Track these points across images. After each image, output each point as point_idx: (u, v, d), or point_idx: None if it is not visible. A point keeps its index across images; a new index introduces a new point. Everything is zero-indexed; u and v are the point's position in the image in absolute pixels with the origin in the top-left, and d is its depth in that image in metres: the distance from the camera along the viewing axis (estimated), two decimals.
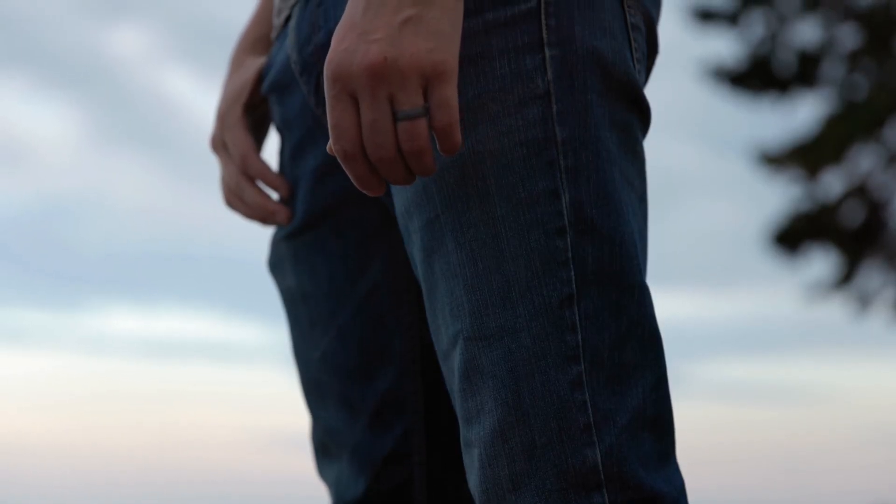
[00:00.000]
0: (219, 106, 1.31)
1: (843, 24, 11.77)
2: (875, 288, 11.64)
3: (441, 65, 0.93)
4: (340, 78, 0.93)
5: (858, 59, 11.65)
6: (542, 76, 1.02)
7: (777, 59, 12.00)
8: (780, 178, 11.82)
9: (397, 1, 0.93)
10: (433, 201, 1.03)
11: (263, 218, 1.25)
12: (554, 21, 1.03)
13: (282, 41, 1.23)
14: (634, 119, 1.07)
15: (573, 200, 1.01)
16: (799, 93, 12.03)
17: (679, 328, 16.87)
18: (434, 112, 0.93)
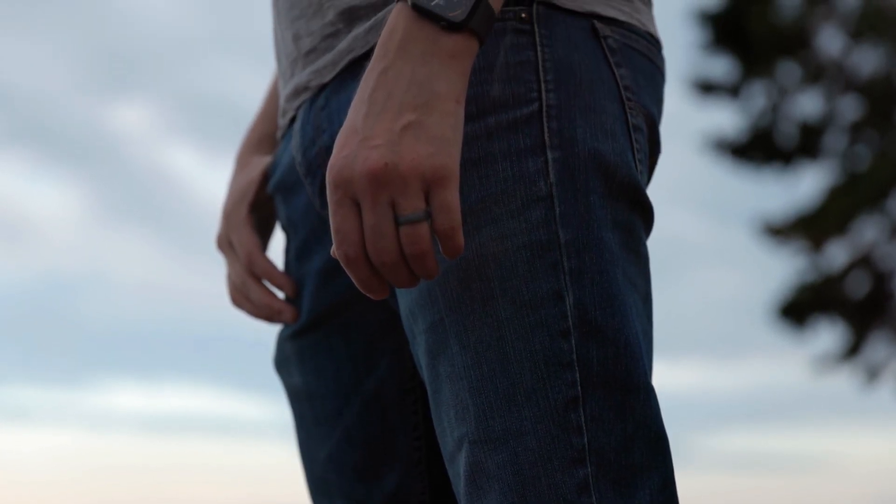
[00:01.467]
0: (224, 205, 1.32)
1: (844, 95, 11.85)
2: (882, 359, 11.60)
3: (442, 169, 0.93)
4: (342, 183, 0.94)
5: (860, 130, 11.72)
6: (544, 179, 1.03)
7: (779, 131, 12.07)
8: (784, 249, 11.84)
9: (398, 106, 0.94)
10: (437, 304, 1.03)
11: (269, 317, 1.26)
12: (555, 124, 1.04)
13: (287, 142, 1.24)
14: (637, 219, 1.08)
15: (577, 302, 1.02)
16: (801, 164, 12.08)
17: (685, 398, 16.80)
18: (436, 216, 0.94)
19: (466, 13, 0.95)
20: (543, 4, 1.08)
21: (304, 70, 1.18)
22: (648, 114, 1.13)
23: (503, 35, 1.06)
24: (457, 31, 0.95)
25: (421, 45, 0.95)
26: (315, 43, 1.16)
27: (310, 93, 1.17)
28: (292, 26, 1.18)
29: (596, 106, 1.06)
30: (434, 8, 0.95)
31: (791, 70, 12.15)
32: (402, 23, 0.96)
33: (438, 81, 0.94)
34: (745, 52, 12.16)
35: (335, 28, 1.13)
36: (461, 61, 0.96)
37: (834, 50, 11.94)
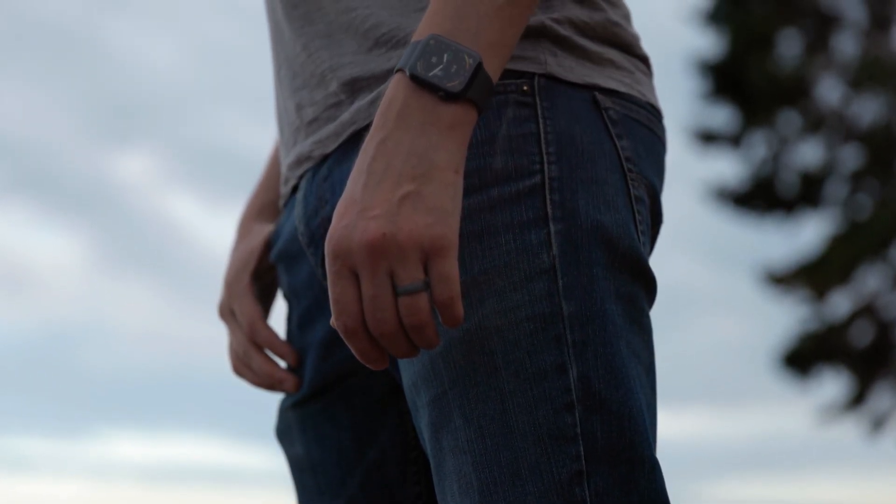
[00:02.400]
0: (226, 273, 1.32)
1: (844, 144, 11.89)
2: (887, 408, 11.56)
3: (440, 239, 0.93)
4: (341, 254, 0.94)
5: (861, 179, 11.74)
6: (547, 251, 1.03)
7: (780, 180, 12.10)
8: (787, 297, 11.83)
9: (396, 177, 0.94)
10: (440, 377, 1.03)
11: (271, 386, 1.26)
12: (558, 196, 1.04)
13: (290, 210, 1.24)
14: (640, 291, 1.08)
15: (581, 375, 1.01)
16: (803, 213, 12.10)
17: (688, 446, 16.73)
18: (435, 286, 0.94)
19: (465, 83, 0.95)
20: (545, 77, 1.08)
21: (307, 139, 1.18)
22: (650, 184, 1.13)
23: (505, 107, 1.06)
24: (455, 101, 0.96)
25: (419, 115, 0.95)
26: (318, 113, 1.16)
27: (312, 162, 1.17)
28: (295, 95, 1.19)
29: (598, 178, 1.07)
30: (432, 78, 0.95)
31: (791, 119, 12.20)
32: (400, 93, 0.96)
33: (437, 152, 0.95)
34: (745, 101, 12.21)
35: (338, 98, 1.14)
36: (460, 131, 0.96)
37: (834, 99, 11.99)
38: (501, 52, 0.99)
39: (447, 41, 0.96)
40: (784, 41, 12.37)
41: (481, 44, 0.97)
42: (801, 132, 12.12)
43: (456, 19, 0.97)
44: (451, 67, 0.95)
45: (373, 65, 1.11)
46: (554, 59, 1.09)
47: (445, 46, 0.96)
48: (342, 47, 1.13)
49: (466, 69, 0.96)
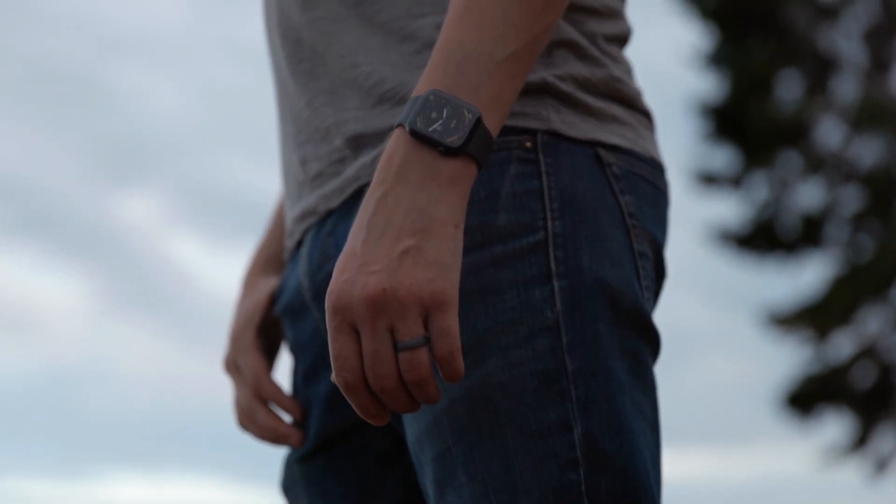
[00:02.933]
0: (231, 327, 1.32)
1: (845, 186, 11.90)
2: (890, 450, 11.51)
3: (440, 294, 0.93)
4: (341, 309, 0.94)
5: (862, 220, 11.74)
6: (550, 308, 1.03)
7: (781, 222, 12.10)
8: (789, 338, 11.80)
9: (396, 232, 0.94)
10: (444, 433, 1.03)
11: (276, 440, 1.26)
12: (561, 252, 1.05)
13: (294, 264, 1.25)
14: (644, 347, 1.08)
15: (585, 432, 1.02)
16: (804, 254, 12.09)
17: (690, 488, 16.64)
18: (435, 341, 0.94)
19: (464, 138, 0.96)
20: (548, 133, 1.09)
21: (312, 194, 1.19)
22: (653, 239, 1.13)
23: (508, 164, 1.07)
24: (455, 156, 0.96)
25: (419, 170, 0.96)
26: (322, 168, 1.17)
27: (317, 217, 1.18)
28: (300, 150, 1.20)
29: (601, 234, 1.07)
30: (432, 133, 0.96)
31: (792, 161, 12.21)
32: (400, 148, 0.96)
33: (437, 206, 0.95)
34: (745, 143, 12.22)
35: (342, 154, 1.14)
36: (460, 186, 0.96)
37: (834, 141, 12.00)
38: (501, 108, 0.99)
39: (447, 96, 0.97)
40: (784, 83, 12.41)
41: (481, 99, 0.98)
42: (802, 174, 12.14)
43: (456, 74, 0.98)
44: (450, 122, 0.96)
45: (377, 121, 1.12)
46: (557, 115, 1.09)
47: (445, 101, 0.97)
48: (346, 103, 1.14)
49: (466, 124, 0.96)
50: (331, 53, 1.15)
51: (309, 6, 1.17)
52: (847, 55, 12.21)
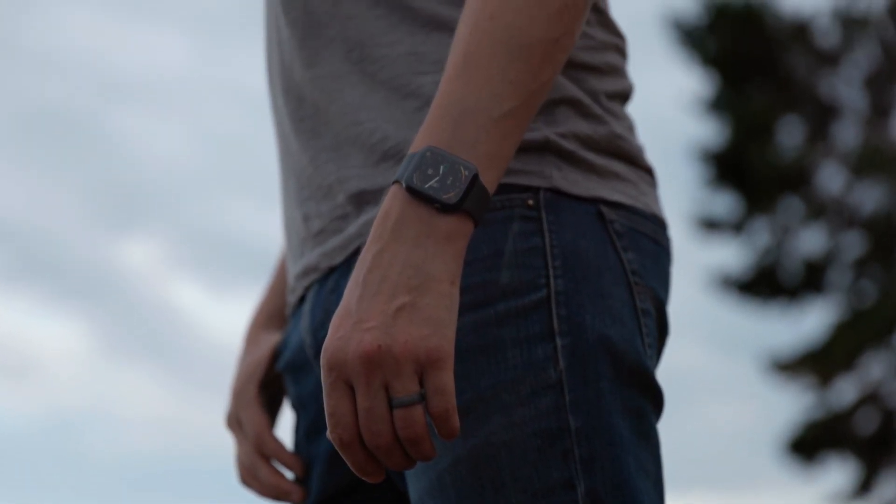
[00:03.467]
0: (234, 383, 1.32)
1: (846, 232, 11.91)
2: (893, 496, 11.46)
3: (435, 351, 0.93)
4: (336, 366, 0.94)
5: (864, 266, 11.75)
6: (553, 366, 1.03)
7: (783, 268, 12.11)
8: (792, 384, 11.78)
9: (392, 289, 0.94)
10: (448, 493, 1.03)
11: (278, 497, 1.25)
12: (564, 311, 1.05)
13: (296, 321, 1.25)
14: (647, 404, 1.08)
15: (588, 491, 1.01)
16: (806, 300, 12.09)
17: None
18: (430, 398, 0.93)
19: (461, 195, 0.95)
20: (550, 191, 1.09)
21: (314, 251, 1.19)
22: (656, 297, 1.13)
23: (511, 221, 1.07)
24: (451, 212, 0.96)
25: (415, 227, 0.95)
26: (324, 224, 1.17)
27: (319, 274, 1.18)
28: (302, 207, 1.20)
29: (604, 291, 1.07)
30: (428, 190, 0.95)
31: (793, 207, 12.24)
32: (397, 205, 0.96)
33: (433, 263, 0.95)
34: (747, 189, 12.26)
35: (345, 211, 1.15)
36: (456, 243, 0.96)
37: (835, 187, 12.04)
38: (498, 164, 0.99)
39: (443, 153, 0.97)
40: (784, 129, 12.46)
41: (478, 155, 0.97)
42: (804, 220, 12.16)
43: (452, 131, 0.98)
44: (447, 179, 0.96)
45: (379, 178, 1.12)
46: (559, 172, 1.09)
47: (442, 158, 0.96)
48: (349, 160, 1.14)
49: (462, 181, 0.96)
50: (333, 111, 1.16)
51: (311, 64, 1.18)
52: (848, 101, 12.27)
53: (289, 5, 1.20)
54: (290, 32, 1.20)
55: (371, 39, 1.14)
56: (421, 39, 1.12)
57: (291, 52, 1.20)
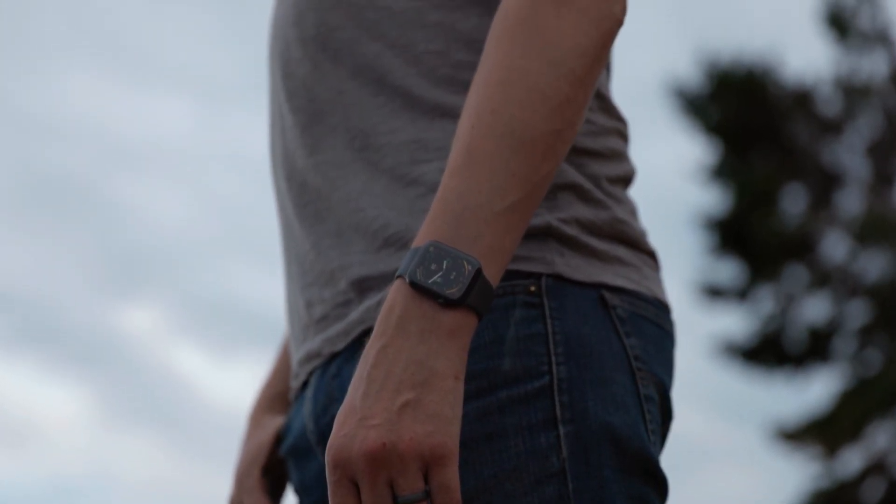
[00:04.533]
0: (237, 467, 1.31)
1: (851, 300, 11.90)
2: None
3: (440, 448, 0.93)
4: (340, 464, 0.94)
5: (869, 334, 11.72)
6: (556, 454, 1.03)
7: (788, 336, 12.09)
8: (797, 453, 11.71)
9: (396, 385, 0.94)
10: None
11: None
12: (567, 398, 1.04)
13: (299, 406, 1.24)
14: (651, 492, 1.08)
15: None
16: (812, 369, 12.05)
17: None
18: (434, 495, 0.93)
19: (464, 290, 0.96)
20: (552, 277, 1.09)
21: (316, 337, 1.19)
22: (659, 382, 1.13)
23: (513, 308, 1.07)
24: (455, 307, 0.96)
25: (419, 322, 0.96)
26: (327, 311, 1.17)
27: (322, 360, 1.18)
28: (304, 293, 1.20)
29: (606, 378, 1.07)
30: (432, 285, 0.96)
31: (798, 275, 12.24)
32: (400, 300, 0.97)
33: (437, 359, 0.95)
34: (751, 256, 12.27)
35: (347, 297, 1.15)
36: (459, 338, 0.96)
37: (839, 255, 12.04)
38: (501, 258, 0.99)
39: (446, 247, 0.97)
40: (788, 197, 12.49)
41: (481, 250, 0.98)
42: (808, 288, 12.15)
43: (455, 225, 0.98)
44: (450, 274, 0.96)
45: (381, 265, 1.12)
46: (561, 258, 1.10)
47: (445, 253, 0.97)
48: (351, 246, 1.14)
49: (465, 276, 0.96)
50: (336, 197, 1.16)
51: (313, 151, 1.18)
52: (851, 169, 12.31)
53: (293, 93, 1.21)
54: (293, 120, 1.21)
55: (374, 128, 1.15)
56: (424, 126, 1.13)
57: (294, 139, 1.20)
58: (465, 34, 1.15)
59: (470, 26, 1.15)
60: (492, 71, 1.02)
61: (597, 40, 1.04)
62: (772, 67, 13.04)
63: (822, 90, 12.85)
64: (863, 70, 12.80)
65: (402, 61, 1.15)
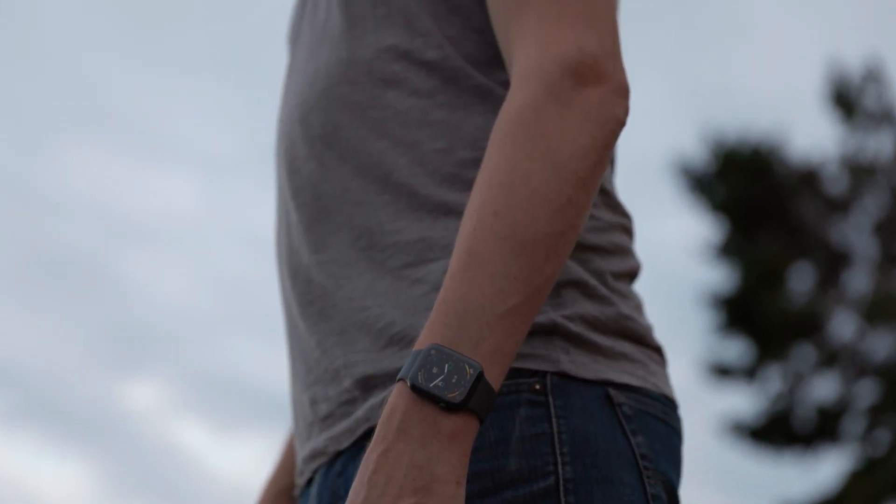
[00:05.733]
0: None
1: (859, 379, 11.85)
2: None
3: None
4: None
5: (878, 414, 11.66)
6: None
7: (796, 415, 12.03)
8: None
9: (397, 490, 0.93)
10: None
11: None
12: (573, 498, 1.04)
13: (304, 502, 1.24)
14: None
15: None
16: (821, 448, 11.97)
17: None
18: None
19: (465, 394, 0.95)
20: (557, 375, 1.08)
21: (321, 434, 1.18)
22: (667, 480, 1.12)
23: (518, 407, 1.06)
24: (456, 411, 0.95)
25: (420, 426, 0.95)
26: (332, 409, 1.16)
27: (326, 458, 1.17)
28: (309, 390, 1.20)
29: (613, 477, 1.06)
30: (433, 389, 0.95)
31: (806, 354, 12.20)
32: (401, 403, 0.96)
33: (438, 464, 0.94)
34: (758, 335, 12.24)
35: (352, 395, 1.14)
36: (461, 442, 0.95)
37: (847, 334, 12.01)
38: (503, 361, 0.99)
39: (448, 351, 0.96)
40: (795, 275, 12.48)
41: (482, 353, 0.97)
42: (816, 367, 12.11)
43: (457, 328, 0.97)
44: (451, 378, 0.95)
45: (386, 363, 1.12)
46: (566, 356, 1.09)
47: (446, 356, 0.96)
48: (356, 344, 1.14)
49: (467, 379, 0.95)
50: (340, 296, 1.16)
51: (318, 248, 1.19)
52: (858, 248, 12.31)
53: (298, 190, 1.21)
54: (298, 216, 1.21)
55: (379, 226, 1.15)
56: (428, 225, 1.13)
57: (299, 236, 1.21)
58: (469, 132, 1.15)
59: (474, 125, 1.16)
60: (494, 173, 1.02)
61: (599, 142, 1.04)
62: (778, 146, 13.10)
63: (829, 169, 12.89)
64: (869, 149, 12.85)
65: (407, 159, 1.16)
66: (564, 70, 1.04)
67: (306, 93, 1.23)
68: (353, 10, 1.22)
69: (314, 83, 1.23)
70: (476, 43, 1.18)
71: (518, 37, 1.09)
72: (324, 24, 1.26)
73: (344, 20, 1.23)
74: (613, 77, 1.06)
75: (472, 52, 1.18)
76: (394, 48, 1.19)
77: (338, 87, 1.21)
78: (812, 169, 12.90)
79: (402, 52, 1.19)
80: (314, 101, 1.22)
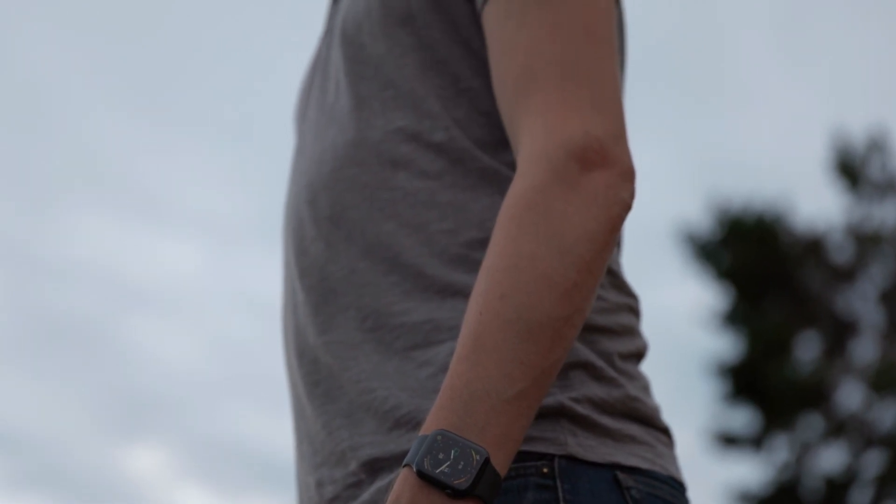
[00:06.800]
0: None
1: (867, 450, 11.78)
2: None
3: None
4: None
5: (885, 484, 11.57)
6: None
7: (803, 485, 11.94)
8: None
9: None
10: None
11: None
12: None
13: None
14: None
15: None
16: None
17: None
18: None
19: (472, 480, 0.94)
20: (565, 458, 1.08)
21: None
22: None
23: (525, 491, 1.06)
24: (463, 498, 0.95)
25: None
26: (338, 491, 1.16)
27: None
28: (315, 472, 1.19)
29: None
30: (439, 475, 0.94)
31: (812, 423, 12.14)
32: (407, 490, 0.95)
33: None
34: (765, 404, 12.19)
35: (358, 478, 1.14)
36: None
37: (854, 404, 11.96)
38: (509, 446, 0.98)
39: (454, 436, 0.96)
40: (801, 344, 12.45)
41: (488, 438, 0.96)
42: (823, 437, 12.04)
43: (463, 414, 0.97)
44: (458, 464, 0.95)
45: (392, 445, 1.11)
46: (574, 438, 1.08)
47: (453, 442, 0.96)
48: (362, 427, 1.14)
49: (473, 465, 0.95)
50: (347, 377, 1.16)
51: (325, 329, 1.18)
52: (864, 317, 12.29)
53: (305, 271, 1.21)
54: (304, 297, 1.21)
55: (386, 308, 1.15)
56: (436, 306, 1.13)
57: (306, 317, 1.21)
58: (476, 214, 1.16)
59: (481, 206, 1.16)
60: (500, 257, 1.02)
61: (605, 226, 1.04)
62: (783, 214, 13.13)
63: (834, 237, 12.91)
64: (874, 218, 12.88)
65: (414, 240, 1.16)
66: (570, 154, 1.05)
67: (314, 173, 1.24)
68: (361, 92, 1.23)
69: (322, 164, 1.23)
70: (483, 125, 1.19)
71: (524, 120, 1.09)
72: (332, 105, 1.27)
73: (352, 101, 1.23)
74: (620, 161, 1.06)
75: (479, 135, 1.19)
76: (402, 130, 1.20)
77: (346, 168, 1.21)
78: (817, 237, 12.92)
79: (410, 134, 1.19)
80: (322, 182, 1.22)
